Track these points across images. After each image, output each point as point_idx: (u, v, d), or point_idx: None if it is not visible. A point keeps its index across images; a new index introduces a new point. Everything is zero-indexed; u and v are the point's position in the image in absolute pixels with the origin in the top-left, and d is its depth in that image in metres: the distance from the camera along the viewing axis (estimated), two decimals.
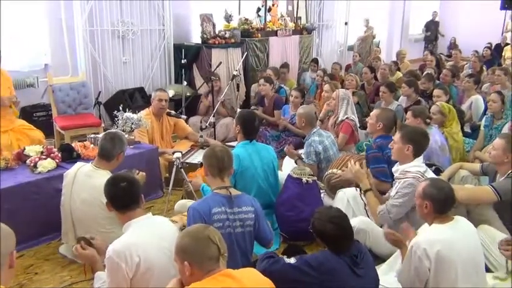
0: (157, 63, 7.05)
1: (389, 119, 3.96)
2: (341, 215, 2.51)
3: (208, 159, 2.85)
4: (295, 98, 5.78)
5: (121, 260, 2.22)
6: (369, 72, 7.23)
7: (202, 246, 1.93)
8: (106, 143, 3.20)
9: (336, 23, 10.30)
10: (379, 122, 3.94)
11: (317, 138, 4.27)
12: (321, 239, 2.45)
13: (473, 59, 8.66)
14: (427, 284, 2.48)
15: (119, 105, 4.42)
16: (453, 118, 4.67)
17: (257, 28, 7.79)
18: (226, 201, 2.72)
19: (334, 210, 2.57)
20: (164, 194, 4.43)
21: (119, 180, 2.48)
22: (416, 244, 2.46)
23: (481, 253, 2.63)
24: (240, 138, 3.78)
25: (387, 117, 3.97)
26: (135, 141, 4.34)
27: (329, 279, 2.31)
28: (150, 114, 4.79)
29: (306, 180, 3.63)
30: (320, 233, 2.44)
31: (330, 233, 2.39)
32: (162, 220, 2.58)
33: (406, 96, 6.01)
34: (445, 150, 4.33)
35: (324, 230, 2.41)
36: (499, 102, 5.00)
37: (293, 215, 3.56)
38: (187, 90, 6.68)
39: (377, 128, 3.96)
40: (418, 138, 3.26)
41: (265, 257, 2.51)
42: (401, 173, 3.24)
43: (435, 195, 2.51)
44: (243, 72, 7.34)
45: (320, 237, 2.45)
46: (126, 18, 6.50)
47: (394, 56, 10.78)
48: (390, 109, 4.82)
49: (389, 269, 3.01)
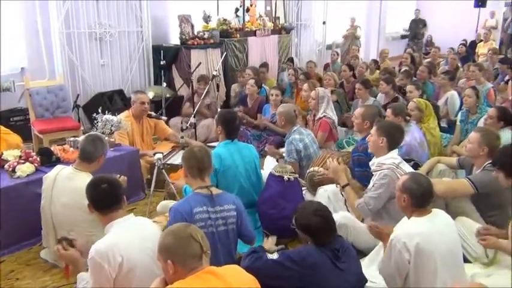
0: (136, 65, 7.01)
1: (374, 115, 3.98)
2: (324, 207, 2.57)
3: (188, 160, 2.85)
4: (275, 96, 5.81)
5: (104, 261, 2.22)
6: (347, 70, 7.30)
7: (185, 244, 1.94)
8: (88, 145, 3.18)
9: (314, 23, 10.39)
10: (365, 120, 3.95)
11: (297, 136, 4.30)
12: (306, 232, 2.48)
13: (451, 56, 8.82)
14: (408, 276, 2.53)
15: (98, 108, 4.37)
16: (430, 114, 4.76)
17: (236, 28, 7.81)
18: (208, 200, 2.72)
19: (317, 204, 2.63)
20: (146, 196, 4.40)
21: (100, 181, 2.47)
22: (396, 238, 2.51)
23: (459, 244, 2.69)
24: (222, 138, 3.79)
25: (372, 114, 3.99)
26: (116, 144, 4.31)
27: (311, 274, 2.35)
28: (130, 116, 4.76)
29: (287, 177, 3.65)
30: (305, 226, 2.47)
31: (315, 226, 2.43)
32: (145, 221, 2.58)
33: (384, 93, 6.09)
34: (424, 146, 4.42)
35: (308, 224, 2.44)
36: (473, 97, 5.11)
37: (275, 213, 3.58)
38: (167, 91, 6.66)
39: (364, 126, 3.97)
40: (392, 131, 3.32)
41: (249, 253, 2.53)
42: (377, 165, 3.30)
43: (414, 189, 2.56)
44: (222, 73, 7.35)
45: (305, 231, 2.48)
46: (103, 20, 6.44)
47: (372, 54, 10.93)
48: (374, 106, 4.87)
49: (371, 263, 3.06)
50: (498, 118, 4.34)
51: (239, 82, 7.13)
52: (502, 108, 4.62)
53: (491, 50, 9.47)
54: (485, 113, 4.73)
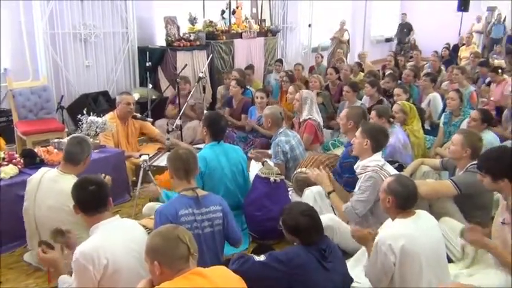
0: (121, 67, 6.97)
1: (359, 116, 4.02)
2: (311, 208, 2.60)
3: (173, 162, 2.84)
4: (260, 98, 5.82)
5: (88, 262, 2.20)
6: (333, 73, 7.35)
7: (172, 245, 1.94)
8: (73, 147, 3.15)
9: (299, 25, 10.45)
10: (349, 120, 3.99)
11: (283, 138, 4.32)
12: (294, 233, 2.49)
13: (433, 59, 8.94)
14: (393, 277, 2.55)
15: (83, 110, 4.33)
16: (414, 116, 4.82)
17: (222, 30, 7.81)
18: (194, 202, 2.72)
19: (304, 204, 2.65)
20: (131, 198, 4.38)
21: (87, 183, 2.45)
22: (381, 240, 2.53)
23: (442, 244, 2.73)
24: (208, 140, 3.78)
25: (356, 114, 4.03)
26: (100, 145, 4.28)
27: (298, 273, 2.36)
28: (115, 118, 4.73)
29: (273, 179, 3.67)
30: (293, 227, 2.48)
31: (303, 226, 2.45)
32: (131, 222, 2.56)
33: (369, 96, 6.15)
34: (408, 148, 4.47)
35: (296, 224, 2.46)
36: (457, 100, 5.19)
37: (262, 214, 3.59)
38: (153, 93, 6.63)
39: (348, 126, 4.00)
40: (376, 134, 3.35)
41: (236, 258, 2.53)
42: (362, 168, 3.33)
43: (399, 191, 2.58)
44: (208, 75, 7.34)
45: (292, 231, 2.49)
46: (88, 21, 6.39)
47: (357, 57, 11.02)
48: (358, 106, 4.92)
49: (356, 264, 3.08)
50: (481, 120, 4.42)
51: (225, 84, 7.13)
52: (484, 110, 4.71)
53: (473, 54, 9.62)
54: (468, 116, 4.80)
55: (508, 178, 2.72)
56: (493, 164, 2.79)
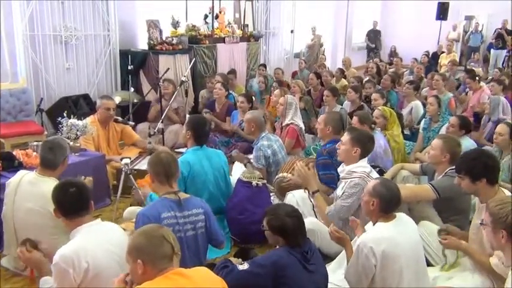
0: (102, 70, 6.91)
1: (337, 121, 4.08)
2: (296, 209, 2.62)
3: (154, 166, 2.81)
4: (241, 103, 5.84)
5: (68, 266, 2.18)
6: (315, 78, 7.42)
7: (156, 244, 1.93)
8: (47, 153, 3.08)
9: (282, 31, 10.52)
10: (327, 125, 4.03)
11: (266, 143, 4.33)
12: (279, 234, 2.49)
13: (417, 66, 9.06)
14: (374, 279, 2.58)
15: (63, 113, 4.27)
16: (394, 121, 4.89)
17: (205, 35, 7.82)
18: (176, 205, 2.71)
19: (288, 206, 2.67)
20: (112, 202, 4.33)
21: (68, 186, 2.42)
22: (362, 243, 2.55)
23: (421, 247, 2.78)
24: (191, 144, 3.76)
25: (334, 119, 4.09)
26: (81, 149, 4.23)
27: (283, 275, 2.37)
28: (96, 122, 4.68)
29: (255, 183, 3.68)
30: (278, 228, 2.49)
31: (289, 227, 2.46)
32: (112, 226, 2.54)
33: (351, 101, 6.22)
34: (388, 153, 4.53)
35: (283, 225, 2.47)
36: (436, 105, 5.30)
37: (244, 218, 3.59)
38: (135, 96, 6.59)
39: (327, 132, 4.05)
40: (365, 141, 3.39)
41: (220, 268, 2.53)
42: (348, 173, 3.35)
43: (384, 194, 2.61)
44: (191, 79, 7.33)
45: (278, 232, 2.50)
46: (68, 23, 6.32)
47: (339, 63, 11.14)
48: (336, 111, 4.98)
49: (338, 267, 3.11)
50: (459, 126, 4.52)
51: (207, 88, 7.13)
52: (462, 117, 4.81)
53: (451, 61, 9.82)
54: (446, 121, 4.90)
55: (486, 177, 2.79)
56: (471, 164, 2.85)
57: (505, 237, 2.02)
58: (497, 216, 2.04)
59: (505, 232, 2.01)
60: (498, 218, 2.04)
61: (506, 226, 2.01)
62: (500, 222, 2.03)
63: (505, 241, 2.03)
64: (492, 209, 2.09)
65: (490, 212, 2.10)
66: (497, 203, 2.09)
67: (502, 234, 2.02)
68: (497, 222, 2.05)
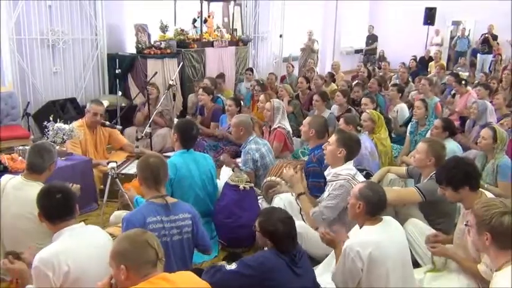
0: (90, 73, 6.88)
1: (320, 125, 4.10)
2: (289, 215, 2.61)
3: (143, 171, 2.79)
4: (229, 106, 5.84)
5: (48, 269, 2.16)
6: (304, 82, 7.45)
7: (140, 249, 1.92)
8: (34, 157, 3.05)
9: (271, 35, 10.55)
10: (311, 128, 4.06)
11: (254, 146, 4.33)
12: (270, 238, 2.50)
13: (401, 70, 9.16)
14: (360, 282, 2.59)
15: (49, 117, 4.23)
16: (381, 125, 4.93)
17: (193, 39, 7.82)
18: (162, 209, 2.69)
19: (281, 211, 2.66)
20: (99, 207, 4.30)
21: (53, 191, 2.39)
22: (349, 246, 2.57)
23: (408, 250, 2.80)
24: (178, 147, 3.76)
25: (318, 123, 4.11)
26: (68, 153, 4.20)
27: (270, 278, 2.37)
28: (83, 125, 4.66)
29: (243, 187, 3.67)
30: (270, 233, 2.49)
31: (281, 233, 2.46)
32: (95, 229, 2.51)
33: (339, 105, 6.26)
34: (375, 155, 4.56)
35: (275, 230, 2.47)
36: (422, 108, 5.36)
37: (231, 222, 3.59)
38: (122, 100, 6.56)
39: (310, 134, 4.09)
40: (351, 143, 3.41)
41: (208, 269, 2.53)
42: (333, 175, 3.36)
43: (370, 197, 2.62)
44: (179, 83, 7.32)
45: (269, 236, 2.50)
46: (56, 27, 6.30)
47: (328, 67, 11.20)
48: (321, 115, 5.01)
49: (325, 270, 3.11)
50: (443, 128, 4.56)
51: (196, 92, 7.12)
52: (446, 119, 4.87)
53: (438, 66, 9.92)
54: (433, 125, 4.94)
55: (468, 185, 2.81)
56: (451, 174, 2.86)
57: (489, 239, 2.03)
58: (482, 218, 2.05)
59: (489, 234, 2.02)
60: (482, 220, 2.05)
61: (491, 228, 2.02)
62: (485, 224, 2.04)
63: (489, 243, 2.04)
64: (477, 211, 2.10)
65: (475, 214, 2.11)
66: (483, 205, 2.10)
67: (486, 236, 2.03)
68: (481, 224, 2.06)
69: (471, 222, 2.14)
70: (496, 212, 2.03)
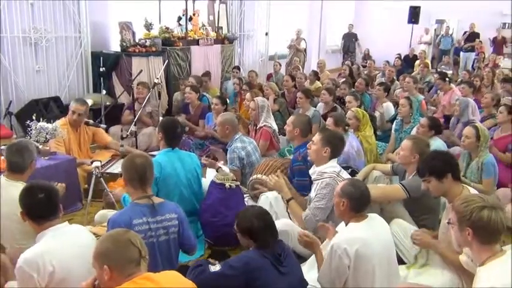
0: (73, 72, 6.78)
1: (304, 123, 4.10)
2: (264, 211, 2.63)
3: (129, 172, 2.74)
4: (215, 105, 5.83)
5: (32, 270, 2.13)
6: (289, 81, 7.46)
7: (123, 249, 1.91)
8: (13, 157, 3.01)
9: (257, 33, 10.54)
10: (295, 128, 4.05)
11: (239, 145, 4.33)
12: (248, 235, 2.50)
13: (388, 69, 9.21)
14: (347, 280, 2.60)
15: (33, 116, 4.18)
16: (366, 123, 4.96)
17: (178, 37, 7.78)
18: (148, 210, 2.66)
19: (257, 208, 2.69)
20: (83, 206, 4.25)
21: (36, 190, 2.36)
22: (336, 244, 2.58)
23: (393, 247, 2.82)
24: (163, 146, 3.73)
25: (302, 121, 4.11)
26: (51, 152, 4.14)
27: (255, 278, 2.37)
28: (67, 124, 4.60)
29: (229, 185, 3.66)
30: (247, 229, 2.50)
31: (257, 228, 2.47)
32: (79, 228, 2.49)
33: (325, 102, 6.28)
34: (361, 154, 4.59)
35: (250, 227, 2.48)
36: (407, 106, 5.40)
37: (217, 220, 3.58)
38: (107, 99, 6.50)
39: (295, 134, 4.07)
40: (336, 142, 3.43)
41: (192, 268, 2.51)
42: (318, 174, 3.38)
43: (352, 193, 2.64)
44: (165, 81, 7.27)
45: (247, 234, 2.50)
46: (38, 25, 6.20)
47: (313, 66, 11.23)
48: (304, 114, 5.02)
49: (311, 267, 3.11)
50: (429, 127, 4.60)
51: (181, 91, 7.08)
52: (432, 118, 4.91)
53: (422, 64, 10.01)
54: (417, 123, 4.99)
55: (451, 172, 2.85)
56: (432, 164, 2.92)
57: (470, 234, 2.05)
58: (462, 214, 2.08)
59: (470, 230, 2.05)
60: (463, 216, 2.07)
61: (471, 223, 2.05)
62: (465, 220, 2.06)
63: (470, 238, 2.06)
64: (457, 207, 2.13)
65: (455, 211, 2.14)
66: (462, 201, 2.13)
67: (467, 231, 2.06)
68: (462, 220, 2.08)
69: (452, 219, 2.17)
70: (475, 206, 2.05)
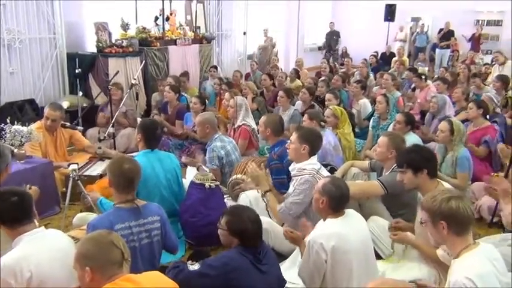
0: (49, 74, 6.69)
1: (275, 122, 4.09)
2: (257, 214, 2.62)
3: (116, 177, 2.70)
4: (194, 104, 5.80)
5: (9, 277, 2.10)
6: (268, 79, 7.49)
7: (105, 250, 1.90)
8: None
9: (235, 33, 10.53)
10: (267, 128, 4.05)
11: (219, 144, 4.32)
12: (239, 236, 2.49)
13: (361, 65, 9.35)
14: (325, 275, 2.63)
15: (7, 119, 4.10)
16: (345, 120, 5.01)
17: (155, 37, 7.73)
18: (131, 214, 2.65)
19: (251, 210, 2.66)
20: (61, 210, 4.19)
21: (8, 194, 2.31)
22: (313, 239, 2.61)
23: (370, 242, 2.86)
24: (142, 147, 3.71)
25: (272, 121, 4.10)
26: (27, 156, 4.07)
27: (234, 277, 2.37)
28: (42, 127, 4.52)
29: (208, 185, 3.66)
30: (239, 231, 2.48)
31: (251, 232, 2.48)
32: (56, 232, 2.46)
33: (303, 101, 6.32)
34: (338, 150, 4.63)
35: (245, 230, 2.47)
36: (384, 103, 5.47)
37: (197, 221, 3.57)
38: (84, 101, 6.42)
39: (267, 133, 4.08)
40: (313, 138, 3.45)
41: (171, 268, 2.50)
42: (298, 170, 3.40)
43: (333, 192, 2.66)
44: (142, 82, 7.22)
45: (237, 235, 2.49)
46: (11, 26, 6.09)
47: (292, 64, 11.26)
48: (275, 114, 5.06)
49: (292, 265, 3.15)
50: (405, 123, 4.68)
51: (159, 91, 7.04)
52: (408, 113, 4.99)
53: (398, 61, 10.15)
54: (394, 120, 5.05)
55: (427, 168, 2.91)
56: (410, 157, 3.00)
57: (445, 227, 2.07)
58: (432, 210, 2.10)
59: (444, 222, 2.07)
60: (433, 211, 2.10)
61: (442, 216, 2.07)
62: (436, 214, 2.09)
63: (446, 232, 2.08)
64: (426, 204, 2.15)
65: (425, 209, 2.16)
66: (429, 197, 2.15)
67: (442, 225, 2.07)
68: (434, 216, 2.10)
69: (424, 218, 2.19)
70: (442, 199, 2.09)
